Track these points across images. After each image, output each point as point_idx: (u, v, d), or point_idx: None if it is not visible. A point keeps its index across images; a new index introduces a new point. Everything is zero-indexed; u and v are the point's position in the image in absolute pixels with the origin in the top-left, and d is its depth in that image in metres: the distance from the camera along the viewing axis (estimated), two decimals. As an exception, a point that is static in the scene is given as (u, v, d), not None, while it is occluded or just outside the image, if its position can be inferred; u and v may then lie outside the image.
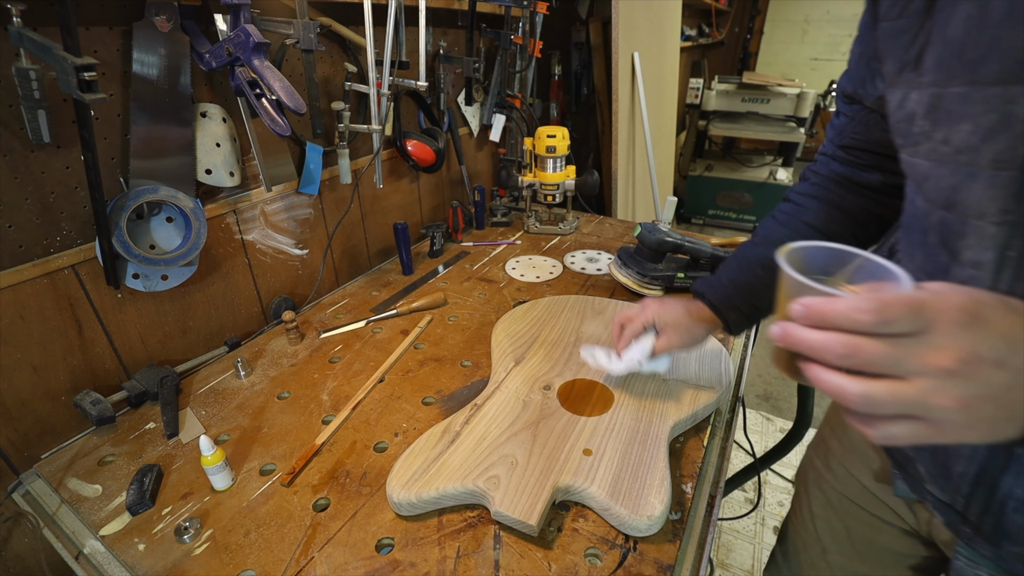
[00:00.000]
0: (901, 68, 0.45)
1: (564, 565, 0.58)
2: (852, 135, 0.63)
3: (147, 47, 0.78)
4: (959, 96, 0.39)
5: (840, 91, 0.62)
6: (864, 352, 0.31)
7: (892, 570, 0.71)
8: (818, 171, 0.68)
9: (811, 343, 0.33)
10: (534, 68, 1.77)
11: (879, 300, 0.31)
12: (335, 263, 1.25)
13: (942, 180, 0.42)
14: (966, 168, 0.40)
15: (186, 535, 0.63)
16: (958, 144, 0.40)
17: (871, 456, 0.67)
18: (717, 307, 0.69)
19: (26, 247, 0.73)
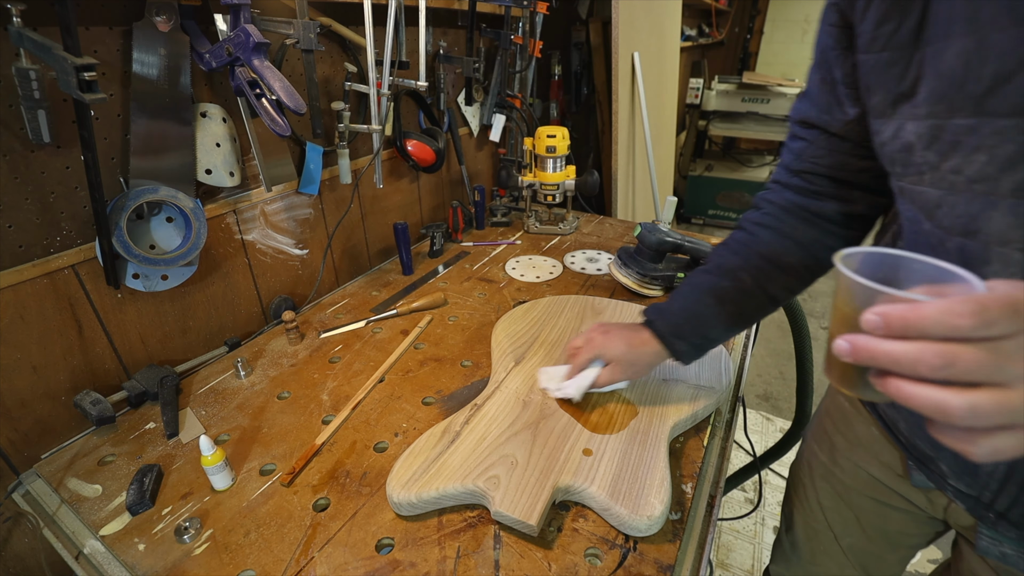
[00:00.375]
0: (895, 100, 0.45)
1: (564, 565, 0.58)
2: (811, 159, 0.62)
3: (147, 47, 0.78)
4: (966, 128, 0.39)
5: (798, 117, 0.62)
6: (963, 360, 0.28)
7: (903, 551, 0.73)
8: (772, 200, 0.67)
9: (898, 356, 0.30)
10: (534, 68, 1.77)
11: (976, 302, 0.28)
12: (335, 263, 1.25)
13: (957, 208, 0.42)
14: (984, 197, 0.40)
15: (186, 535, 0.63)
16: (972, 174, 0.40)
17: (879, 450, 0.67)
18: (665, 337, 0.68)
19: (26, 247, 0.73)
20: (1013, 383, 0.28)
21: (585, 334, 0.74)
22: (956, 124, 0.40)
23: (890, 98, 0.46)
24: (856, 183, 0.60)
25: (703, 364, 0.84)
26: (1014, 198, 0.38)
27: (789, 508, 0.88)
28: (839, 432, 0.74)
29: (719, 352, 0.87)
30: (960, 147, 0.40)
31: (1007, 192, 0.38)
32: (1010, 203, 0.39)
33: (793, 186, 0.65)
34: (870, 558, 0.76)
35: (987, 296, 0.28)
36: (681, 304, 0.69)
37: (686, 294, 0.69)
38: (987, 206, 0.40)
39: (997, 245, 0.40)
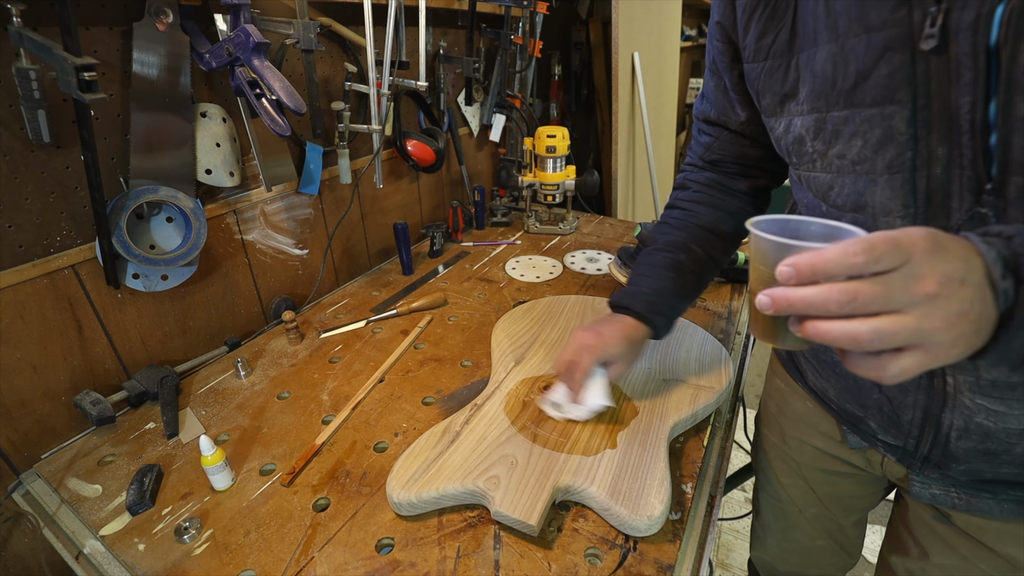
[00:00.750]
0: (782, 100, 0.53)
1: (564, 565, 0.58)
2: (719, 151, 0.72)
3: (147, 47, 0.78)
4: (842, 118, 0.47)
5: (700, 116, 0.73)
6: (863, 294, 0.32)
7: (857, 513, 0.82)
8: (694, 179, 0.76)
9: (810, 299, 0.34)
10: (534, 68, 1.77)
11: (865, 241, 0.33)
12: (335, 263, 1.25)
13: (845, 188, 0.49)
14: (866, 176, 0.47)
15: (186, 535, 0.63)
16: (853, 157, 0.47)
17: (817, 422, 0.74)
18: (647, 317, 0.72)
19: (26, 247, 0.73)
20: (905, 308, 0.33)
21: (574, 343, 0.70)
22: (834, 116, 0.48)
23: (777, 99, 0.54)
24: (758, 166, 0.72)
25: (703, 364, 0.84)
26: (888, 174, 0.45)
27: (757, 494, 0.95)
28: (782, 413, 0.81)
29: (719, 352, 0.87)
30: (840, 135, 0.48)
31: (883, 169, 0.46)
32: (886, 179, 0.46)
33: (708, 169, 0.75)
34: (832, 525, 0.83)
35: (873, 235, 0.33)
36: (648, 283, 0.73)
37: (649, 273, 0.74)
38: (869, 183, 0.47)
39: (882, 216, 0.47)
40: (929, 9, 0.40)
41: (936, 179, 0.43)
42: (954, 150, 0.42)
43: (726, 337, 0.98)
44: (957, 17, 0.39)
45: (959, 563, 0.62)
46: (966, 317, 0.33)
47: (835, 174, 0.50)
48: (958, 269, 0.33)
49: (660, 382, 0.81)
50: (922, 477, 0.60)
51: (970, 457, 0.53)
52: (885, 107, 0.44)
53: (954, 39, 0.39)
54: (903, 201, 0.45)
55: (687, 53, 3.80)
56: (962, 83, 0.40)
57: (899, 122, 0.43)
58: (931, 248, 0.33)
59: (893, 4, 0.42)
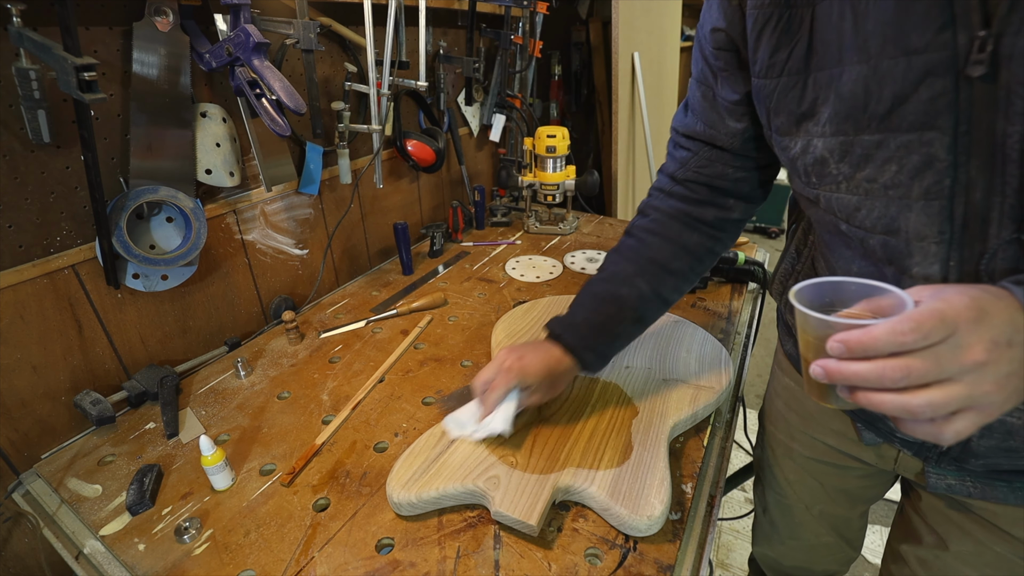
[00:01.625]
0: (798, 120, 0.51)
1: (564, 565, 0.58)
2: (695, 169, 0.67)
3: (147, 47, 0.78)
4: (874, 142, 0.45)
5: (684, 129, 0.67)
6: (916, 370, 0.34)
7: (862, 504, 0.84)
8: (658, 207, 0.71)
9: (865, 374, 0.35)
10: (534, 68, 1.77)
11: (912, 320, 0.34)
12: (335, 263, 1.25)
13: (875, 211, 0.48)
14: (900, 200, 0.46)
15: (186, 535, 0.63)
16: (886, 182, 0.46)
17: (830, 420, 0.75)
18: (575, 349, 0.70)
19: (26, 247, 0.73)
20: (955, 377, 0.34)
21: (496, 362, 0.68)
22: (864, 140, 0.46)
23: (793, 118, 0.51)
24: (732, 192, 0.67)
25: (703, 364, 0.84)
26: (925, 200, 0.44)
27: (761, 490, 0.95)
28: (792, 411, 0.81)
29: (719, 352, 0.87)
30: (872, 159, 0.46)
31: (919, 196, 0.44)
32: (921, 204, 0.45)
33: (676, 194, 0.70)
34: (839, 520, 0.85)
35: (919, 312, 0.34)
36: (584, 316, 0.70)
37: (588, 305, 0.71)
38: (903, 208, 0.46)
39: (916, 240, 0.46)
40: (977, 33, 0.38)
41: (975, 205, 0.42)
42: (995, 178, 0.41)
43: (726, 337, 0.98)
44: (1011, 43, 0.37)
45: (975, 548, 0.63)
46: (1017, 376, 0.35)
47: (863, 196, 0.48)
48: (1004, 332, 0.34)
49: (660, 382, 0.81)
50: (938, 469, 0.61)
51: (990, 453, 0.54)
52: (924, 133, 0.42)
53: (1006, 67, 0.38)
54: (939, 227, 0.45)
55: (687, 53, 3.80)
56: (1012, 112, 0.38)
57: (939, 149, 0.42)
58: (975, 317, 0.34)
59: (937, 27, 0.39)
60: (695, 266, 0.71)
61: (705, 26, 0.59)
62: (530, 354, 0.68)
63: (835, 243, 0.56)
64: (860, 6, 0.43)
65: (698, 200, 0.68)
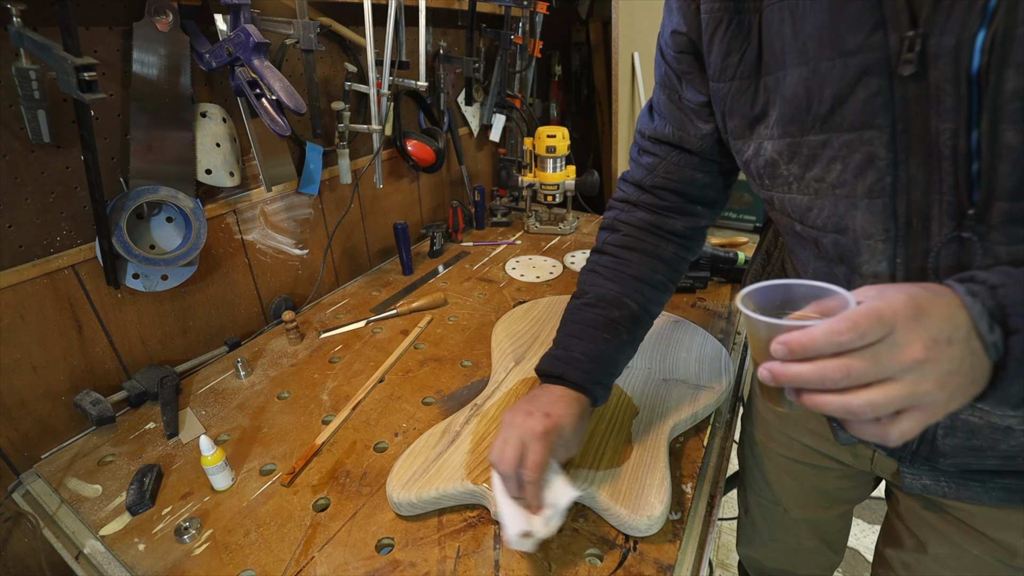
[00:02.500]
0: (751, 122, 0.52)
1: (564, 565, 0.58)
2: (663, 175, 0.66)
3: (147, 47, 0.78)
4: (819, 143, 0.46)
5: (651, 133, 0.66)
6: (855, 369, 0.34)
7: (844, 505, 0.83)
8: (626, 221, 0.68)
9: (806, 376, 0.35)
10: (534, 68, 1.77)
11: (848, 319, 0.34)
12: (335, 263, 1.25)
13: (825, 210, 0.49)
14: (846, 199, 0.46)
15: (186, 535, 0.63)
16: (833, 181, 0.46)
17: (806, 420, 0.75)
18: (586, 388, 0.63)
19: (26, 247, 0.73)
20: (896, 376, 0.34)
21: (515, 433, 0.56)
22: (810, 140, 0.46)
23: (746, 121, 0.52)
24: (700, 198, 0.67)
25: (703, 364, 0.84)
26: (869, 198, 0.45)
27: (743, 492, 0.96)
28: (769, 410, 0.81)
29: (719, 352, 0.87)
30: (818, 159, 0.47)
31: (863, 194, 0.45)
32: (866, 203, 0.45)
33: (644, 204, 0.68)
34: (819, 523, 0.85)
35: (856, 312, 0.34)
36: (582, 348, 0.64)
37: (582, 335, 0.65)
38: (850, 207, 0.46)
39: (863, 239, 0.47)
40: (906, 34, 0.39)
41: (916, 203, 0.43)
42: (933, 175, 0.41)
43: (726, 337, 0.98)
44: (936, 43, 0.38)
45: (952, 551, 0.63)
46: (958, 373, 0.34)
47: (813, 196, 0.49)
48: (943, 330, 0.34)
49: (660, 382, 0.81)
50: (912, 469, 0.61)
51: (957, 453, 0.54)
52: (864, 132, 0.43)
53: (933, 65, 0.38)
54: (884, 225, 0.45)
55: (687, 53, 3.79)
56: (942, 109, 0.39)
57: (879, 147, 0.43)
58: (913, 314, 0.34)
59: (868, 28, 0.40)
60: (672, 276, 0.69)
61: (666, 30, 0.60)
62: (553, 407, 0.59)
63: (793, 244, 0.57)
64: (798, 11, 0.44)
65: (667, 208, 0.67)
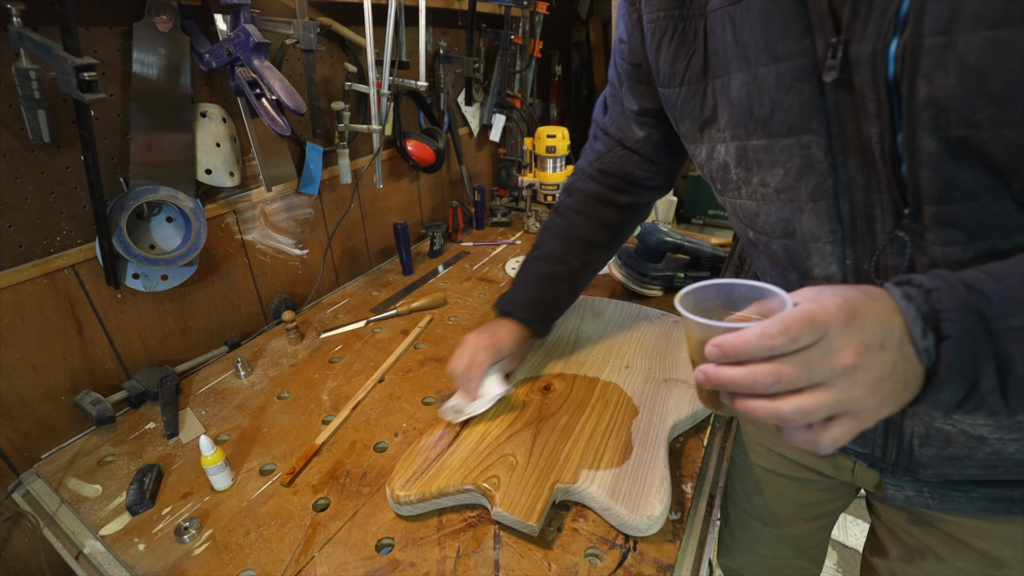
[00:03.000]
0: (702, 126, 0.53)
1: (564, 565, 0.58)
2: (608, 163, 0.76)
3: (147, 47, 0.78)
4: (762, 147, 0.47)
5: (600, 123, 0.76)
6: (786, 374, 0.33)
7: (825, 518, 0.83)
8: (580, 188, 0.80)
9: (738, 380, 0.35)
10: (534, 68, 1.77)
11: (780, 322, 0.33)
12: (335, 263, 1.25)
13: (772, 215, 0.49)
14: (791, 204, 0.47)
15: (186, 535, 0.63)
16: (776, 185, 0.47)
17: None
18: (527, 322, 0.80)
19: (26, 247, 0.73)
20: (827, 382, 0.33)
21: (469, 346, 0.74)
22: (754, 144, 0.47)
23: (697, 125, 0.53)
24: (641, 184, 0.76)
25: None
26: (813, 201, 0.45)
27: (724, 503, 0.95)
28: (747, 422, 0.81)
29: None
30: (762, 164, 0.47)
31: (807, 197, 0.45)
32: (811, 206, 0.46)
33: (595, 178, 0.78)
34: (799, 536, 0.85)
35: (789, 315, 0.33)
36: (527, 294, 0.82)
37: (528, 283, 0.83)
38: (795, 211, 0.47)
39: (812, 241, 0.47)
40: (830, 40, 0.39)
41: (858, 204, 0.43)
42: (871, 176, 0.42)
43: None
44: (856, 50, 0.38)
45: (937, 564, 0.63)
46: (890, 379, 0.34)
47: (760, 201, 0.49)
48: (876, 335, 0.33)
49: (660, 382, 0.81)
50: (894, 480, 0.60)
51: (935, 463, 0.54)
52: (801, 136, 0.43)
53: (856, 71, 0.39)
54: (830, 227, 0.45)
55: (687, 53, 3.79)
56: (868, 114, 0.40)
57: (816, 151, 0.43)
58: (846, 319, 0.33)
59: (797, 34, 0.41)
60: (617, 238, 0.83)
61: (617, 35, 0.63)
62: (498, 331, 0.78)
63: (750, 251, 0.58)
64: (737, 17, 0.45)
65: (613, 187, 0.77)
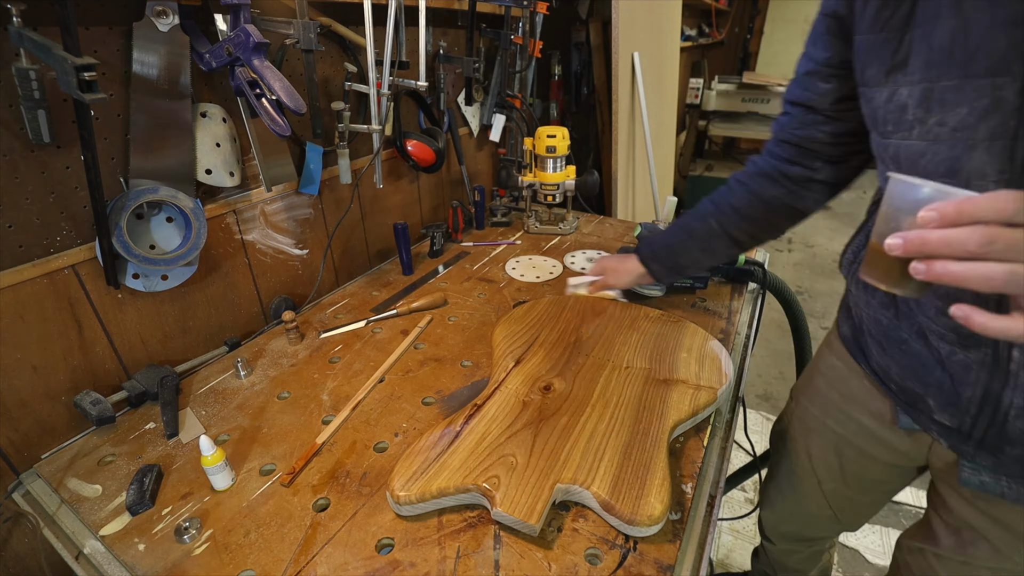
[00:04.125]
0: (889, 70, 0.55)
1: (564, 565, 0.58)
2: (790, 130, 0.77)
3: (147, 47, 0.78)
4: (952, 87, 0.49)
5: (788, 97, 0.78)
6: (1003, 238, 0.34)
7: (878, 495, 0.88)
8: (755, 161, 0.83)
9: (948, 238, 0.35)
10: (534, 68, 1.77)
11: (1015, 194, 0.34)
12: (335, 263, 1.25)
13: (939, 154, 0.52)
14: (964, 143, 0.49)
15: (186, 535, 0.63)
16: (955, 124, 0.49)
17: (871, 400, 0.77)
18: (645, 260, 0.92)
19: (26, 247, 0.73)
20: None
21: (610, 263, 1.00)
22: (944, 85, 0.50)
23: (885, 69, 0.56)
24: (820, 154, 0.75)
25: (703, 364, 0.84)
26: (990, 141, 0.48)
27: (776, 460, 1.02)
28: (833, 389, 0.84)
29: (719, 352, 0.87)
30: (945, 104, 0.50)
31: (984, 137, 0.48)
32: (986, 145, 0.48)
33: (773, 153, 0.80)
34: (845, 501, 0.89)
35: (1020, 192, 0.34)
36: (662, 238, 0.91)
37: (669, 231, 0.91)
38: (967, 149, 0.49)
39: (976, 179, 0.50)
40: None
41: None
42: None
43: (726, 337, 0.98)
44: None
45: (991, 554, 0.65)
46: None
47: (931, 142, 0.52)
48: None
49: (660, 382, 0.81)
50: (973, 464, 0.61)
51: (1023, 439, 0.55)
52: (997, 78, 0.46)
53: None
54: (1000, 167, 0.48)
55: (687, 53, 3.80)
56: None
57: (1009, 92, 0.45)
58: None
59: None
60: (770, 217, 0.82)
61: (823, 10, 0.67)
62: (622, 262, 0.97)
63: None
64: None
65: (787, 159, 0.78)
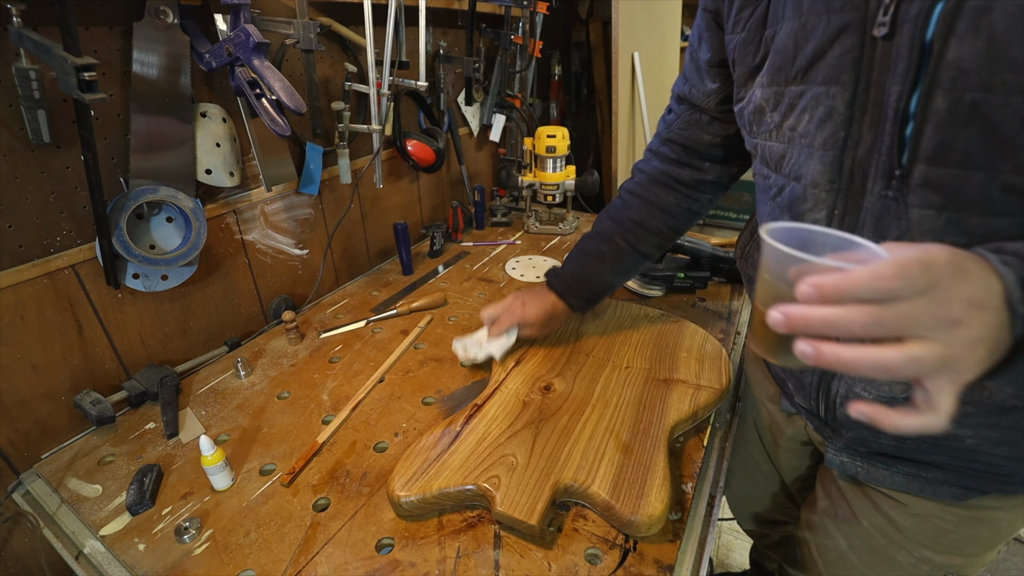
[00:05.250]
0: (751, 72, 0.57)
1: (564, 565, 0.58)
2: (677, 130, 0.77)
3: (147, 47, 0.78)
4: (797, 93, 0.50)
5: (675, 92, 0.77)
6: (888, 318, 0.30)
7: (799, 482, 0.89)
8: (644, 169, 0.82)
9: (832, 319, 0.31)
10: (534, 68, 1.77)
11: (897, 264, 0.31)
12: (335, 263, 1.25)
13: (792, 158, 0.53)
14: (807, 149, 0.51)
15: (186, 535, 0.63)
16: (801, 130, 0.51)
17: (767, 385, 0.80)
18: (563, 295, 0.86)
19: (26, 247, 0.73)
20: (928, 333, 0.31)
21: (504, 304, 0.86)
22: (791, 90, 0.51)
23: (747, 71, 0.57)
24: (707, 155, 0.76)
25: (703, 364, 0.84)
26: (823, 149, 0.49)
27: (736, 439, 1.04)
28: (753, 374, 0.87)
29: (719, 352, 0.87)
30: (794, 109, 0.51)
31: (820, 144, 0.49)
32: (820, 153, 0.49)
33: (660, 155, 0.80)
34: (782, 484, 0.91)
35: (903, 258, 0.31)
36: (570, 268, 0.86)
37: (575, 259, 0.86)
38: (808, 156, 0.50)
39: (811, 188, 0.51)
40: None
41: (860, 160, 0.47)
42: (878, 136, 0.45)
43: (726, 337, 0.98)
44: (905, 9, 0.41)
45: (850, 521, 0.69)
46: (983, 343, 0.32)
47: (787, 144, 0.53)
48: (979, 293, 0.32)
49: (660, 382, 0.81)
50: (832, 445, 0.66)
51: (852, 424, 0.59)
52: (831, 87, 0.47)
53: (899, 30, 0.41)
54: (830, 176, 0.49)
55: (687, 53, 3.79)
56: (896, 72, 0.42)
57: (839, 103, 0.46)
58: (956, 271, 0.32)
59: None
60: (672, 224, 0.81)
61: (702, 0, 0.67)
62: (531, 300, 0.86)
63: (761, 197, 0.62)
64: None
65: (676, 160, 0.78)
